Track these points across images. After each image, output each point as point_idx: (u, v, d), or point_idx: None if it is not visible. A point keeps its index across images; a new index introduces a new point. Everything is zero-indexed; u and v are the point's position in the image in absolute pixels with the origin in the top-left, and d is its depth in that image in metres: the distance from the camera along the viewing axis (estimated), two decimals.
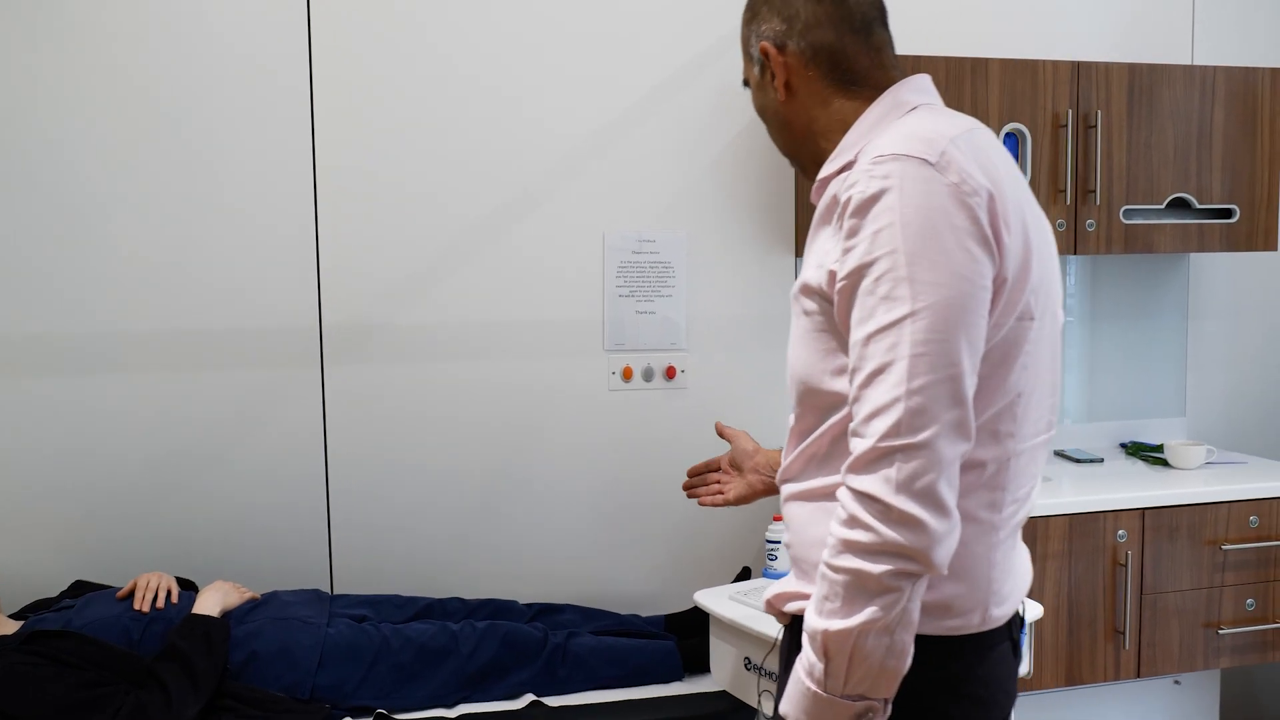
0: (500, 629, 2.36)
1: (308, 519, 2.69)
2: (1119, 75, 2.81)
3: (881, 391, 1.09)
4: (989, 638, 1.24)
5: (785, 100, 1.33)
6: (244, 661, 2.21)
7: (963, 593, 1.20)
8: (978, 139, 1.19)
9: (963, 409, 1.09)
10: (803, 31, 1.29)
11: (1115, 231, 2.84)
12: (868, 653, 1.09)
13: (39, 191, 2.49)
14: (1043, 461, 1.30)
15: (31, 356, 2.51)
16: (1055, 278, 1.28)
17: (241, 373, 2.62)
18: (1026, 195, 1.24)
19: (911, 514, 1.06)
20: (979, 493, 1.20)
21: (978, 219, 1.12)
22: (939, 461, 1.07)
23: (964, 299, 1.10)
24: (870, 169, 1.15)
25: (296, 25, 2.59)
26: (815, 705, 1.12)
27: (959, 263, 1.10)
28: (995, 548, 1.23)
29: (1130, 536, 2.65)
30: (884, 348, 1.09)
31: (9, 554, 2.53)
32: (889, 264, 1.10)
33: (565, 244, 2.77)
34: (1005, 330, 1.17)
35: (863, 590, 1.08)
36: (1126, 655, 2.67)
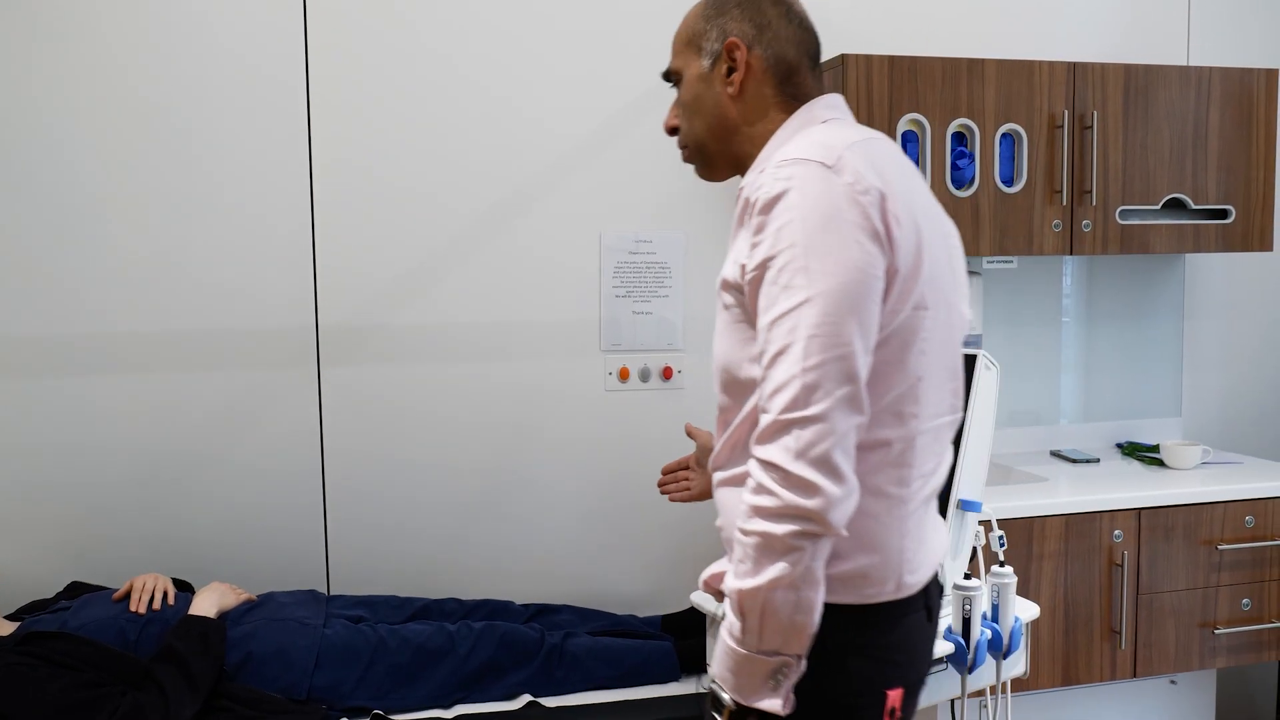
0: (497, 629, 2.36)
1: (304, 520, 2.68)
2: (1115, 76, 2.81)
3: (782, 370, 1.19)
4: (904, 605, 1.33)
5: (732, 97, 1.42)
6: (240, 663, 2.20)
7: (877, 563, 1.30)
8: (874, 147, 1.31)
9: (854, 384, 1.19)
10: (771, 41, 1.40)
11: (1111, 232, 2.84)
12: (777, 608, 1.18)
13: (36, 191, 2.48)
14: (947, 440, 1.41)
15: (27, 357, 2.51)
16: (955, 274, 1.39)
17: (238, 373, 2.62)
18: (924, 198, 1.35)
19: (809, 479, 1.16)
20: (887, 470, 1.29)
21: (869, 215, 1.23)
22: (833, 431, 1.17)
23: (855, 286, 1.20)
24: (775, 172, 1.26)
25: (293, 26, 2.59)
26: (736, 662, 1.22)
27: (851, 254, 1.21)
28: (905, 519, 1.32)
29: (1126, 536, 2.65)
30: (784, 331, 1.20)
31: (5, 554, 2.53)
32: (789, 256, 1.21)
33: (562, 244, 2.77)
34: (902, 318, 1.27)
35: (770, 550, 1.18)
36: (1123, 655, 2.68)
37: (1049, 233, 2.80)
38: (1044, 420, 3.23)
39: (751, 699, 1.23)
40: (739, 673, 1.23)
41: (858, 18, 2.96)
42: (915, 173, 1.38)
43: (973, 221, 2.74)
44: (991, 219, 2.76)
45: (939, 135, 2.70)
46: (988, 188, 2.75)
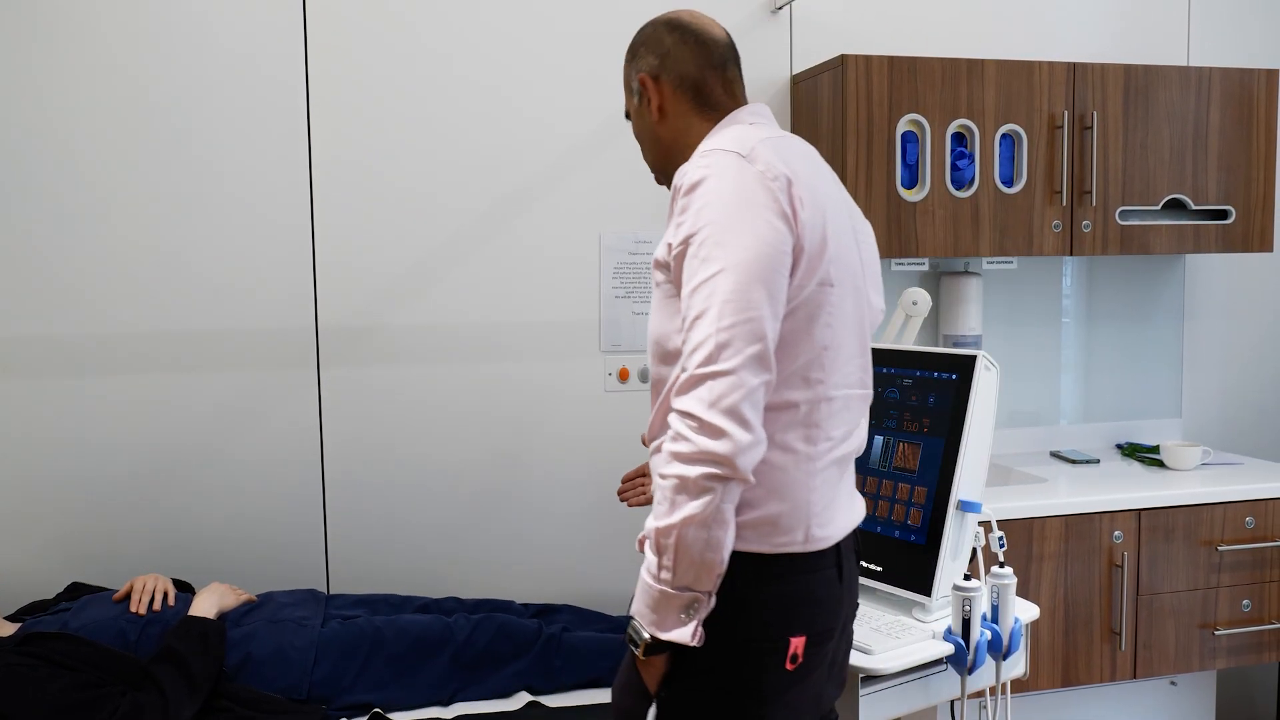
0: (495, 620, 2.36)
1: (304, 520, 2.68)
2: (1115, 76, 2.81)
3: (699, 331, 1.34)
4: (813, 559, 1.46)
5: (659, 121, 1.62)
6: (239, 663, 2.20)
7: (786, 510, 1.44)
8: (785, 143, 1.49)
9: (762, 344, 1.34)
10: (672, 65, 1.59)
11: (1111, 232, 2.84)
12: (689, 544, 1.32)
13: (36, 191, 2.48)
14: (859, 412, 1.56)
15: (27, 357, 2.51)
16: (865, 265, 1.57)
17: (238, 373, 2.62)
18: (833, 191, 1.53)
19: (719, 426, 1.30)
20: (796, 428, 1.45)
21: (778, 198, 1.39)
22: (742, 385, 1.31)
23: (764, 259, 1.36)
24: (697, 161, 1.44)
25: (293, 27, 2.59)
26: (653, 598, 1.36)
27: (760, 231, 1.37)
28: (813, 475, 1.46)
29: (1126, 537, 2.65)
30: (702, 297, 1.35)
31: (5, 555, 2.53)
32: (708, 232, 1.37)
33: (562, 245, 2.77)
34: (808, 292, 1.43)
35: (684, 491, 1.31)
36: (1123, 656, 2.68)
37: (1049, 233, 2.80)
38: (1044, 421, 3.22)
39: (666, 631, 1.36)
40: (655, 608, 1.36)
41: (857, 18, 2.96)
42: (827, 172, 1.57)
43: (972, 222, 2.74)
44: (991, 219, 2.76)
45: (939, 136, 2.70)
46: (987, 188, 2.75)
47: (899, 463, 2.07)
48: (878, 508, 2.08)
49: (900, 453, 2.08)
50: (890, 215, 2.69)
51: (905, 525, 2.03)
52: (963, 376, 2.01)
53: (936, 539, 1.97)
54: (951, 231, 2.73)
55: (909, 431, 2.07)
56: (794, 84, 2.92)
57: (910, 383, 2.10)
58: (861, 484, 2.12)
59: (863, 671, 1.82)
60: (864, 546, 2.08)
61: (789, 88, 2.93)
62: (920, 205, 2.71)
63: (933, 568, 1.96)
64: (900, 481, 2.06)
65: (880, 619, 1.97)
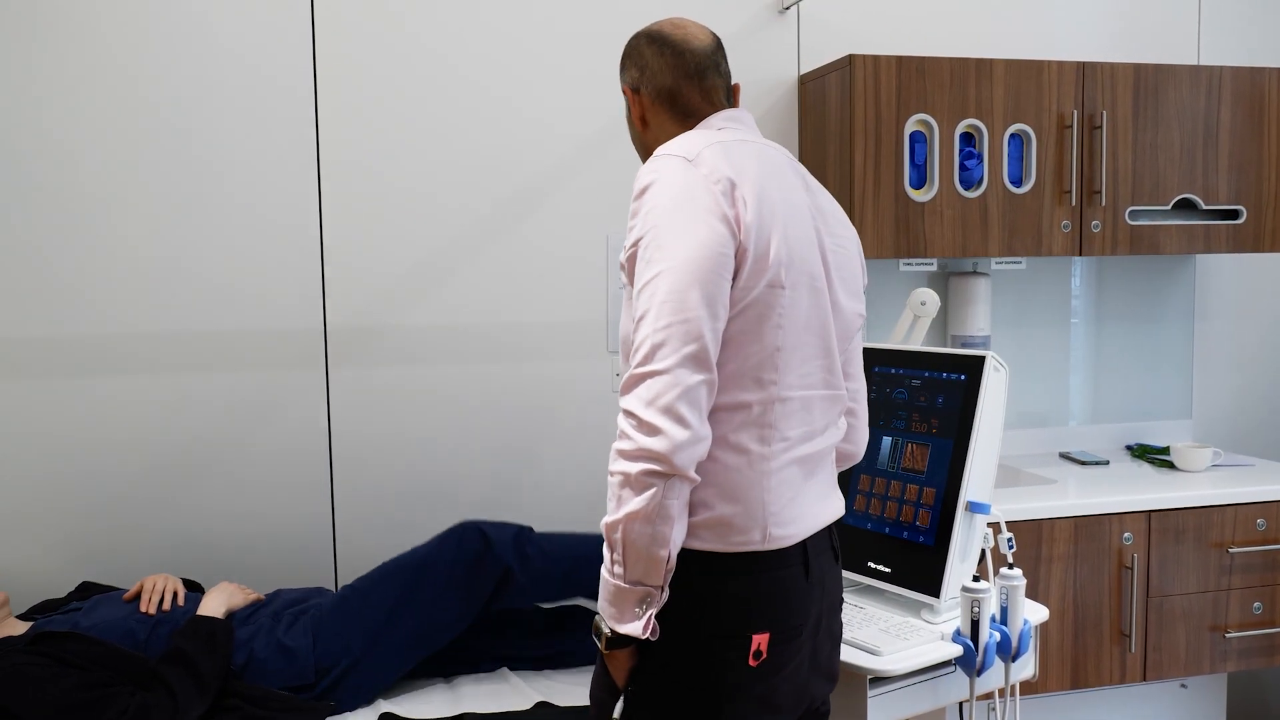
0: (464, 527, 2.36)
1: (313, 519, 2.69)
2: (1124, 75, 2.80)
3: (640, 333, 1.38)
4: (775, 558, 1.47)
5: (643, 130, 1.66)
6: (246, 661, 2.21)
7: (739, 511, 1.45)
8: (738, 147, 1.51)
9: (698, 344, 1.37)
10: (650, 77, 1.63)
11: (1121, 233, 2.83)
12: (635, 539, 1.36)
13: (44, 193, 2.49)
14: (824, 413, 1.56)
15: (38, 358, 2.52)
16: (836, 269, 1.56)
17: (246, 374, 2.62)
18: (791, 195, 1.53)
19: (655, 424, 1.34)
20: (749, 428, 1.46)
21: (719, 201, 1.42)
22: (677, 384, 1.35)
23: (701, 260, 1.38)
24: (647, 166, 1.49)
25: (301, 31, 2.59)
26: (611, 592, 1.41)
27: (699, 233, 1.39)
28: (767, 475, 1.47)
29: (1136, 539, 2.64)
30: (644, 299, 1.39)
31: (17, 555, 2.53)
32: (651, 236, 1.41)
33: (568, 245, 2.77)
34: (756, 293, 1.44)
35: (628, 487, 1.36)
36: (1133, 659, 2.67)
37: (1058, 233, 2.79)
38: (1053, 422, 3.21)
39: (622, 626, 1.41)
40: (614, 602, 1.41)
41: (865, 18, 2.95)
42: (789, 176, 1.57)
43: (981, 222, 2.74)
44: (1000, 220, 2.75)
45: (947, 136, 2.69)
46: (996, 188, 2.74)
47: (907, 463, 2.07)
48: (886, 508, 2.08)
49: (908, 453, 2.07)
50: (898, 215, 2.68)
51: (914, 526, 2.02)
52: (971, 377, 2.00)
53: (945, 540, 1.96)
54: (960, 232, 2.73)
55: (917, 432, 2.06)
56: (801, 84, 2.91)
57: (919, 383, 2.09)
58: (870, 485, 2.12)
59: (871, 673, 1.81)
60: (872, 547, 2.08)
61: (796, 88, 2.92)
62: (928, 205, 2.70)
63: (941, 569, 1.95)
64: (909, 482, 2.05)
65: (888, 620, 1.96)
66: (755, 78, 2.89)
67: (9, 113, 2.47)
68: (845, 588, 2.11)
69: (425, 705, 2.26)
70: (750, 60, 2.87)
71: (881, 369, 2.17)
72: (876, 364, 2.19)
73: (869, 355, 2.21)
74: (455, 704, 2.26)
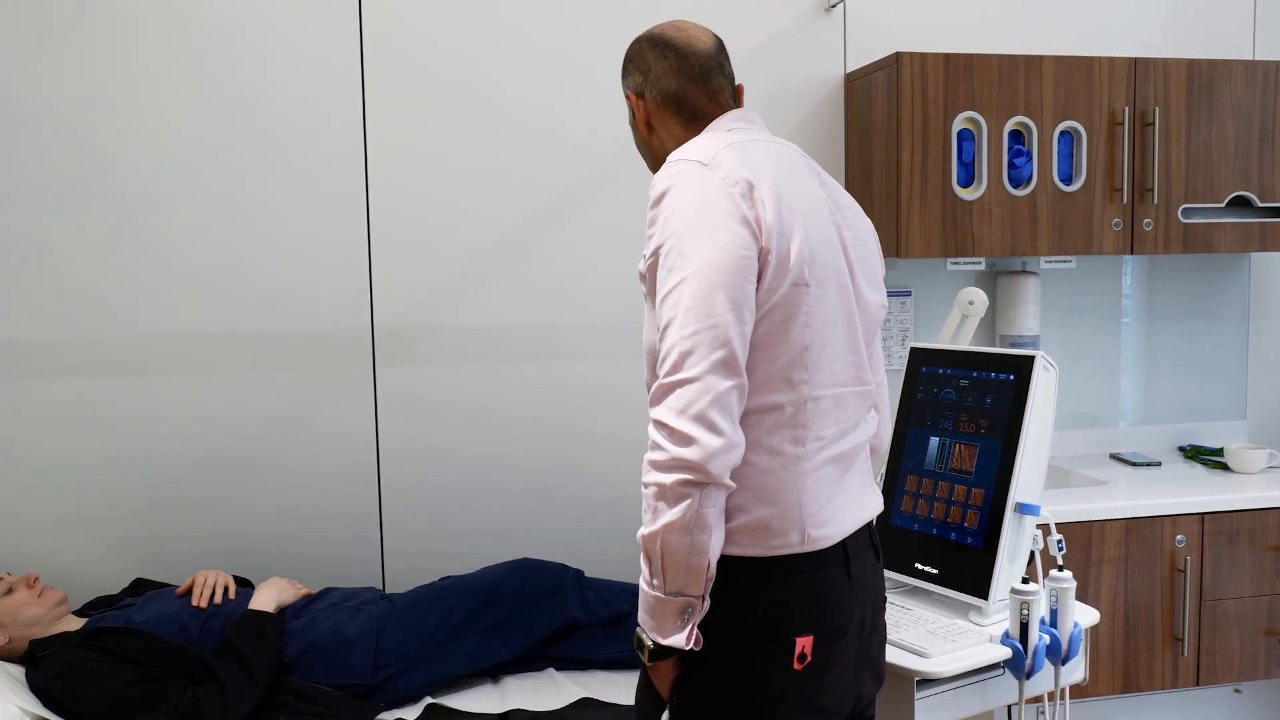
0: (525, 564, 2.47)
1: (360, 517, 2.72)
2: (1178, 71, 2.75)
3: (667, 341, 1.37)
4: (814, 559, 1.45)
5: (649, 135, 1.65)
6: (300, 652, 2.24)
7: (776, 514, 1.43)
8: (753, 147, 1.49)
9: (727, 349, 1.35)
10: (654, 81, 1.62)
11: (1174, 231, 2.78)
12: (673, 550, 1.34)
13: (103, 199, 2.54)
14: (856, 409, 1.54)
15: (95, 359, 2.57)
16: (856, 262, 1.55)
17: (297, 374, 2.66)
18: (809, 192, 1.51)
19: (688, 433, 1.32)
20: (782, 430, 1.44)
21: (738, 204, 1.40)
22: (708, 391, 1.33)
23: (725, 264, 1.36)
24: (662, 172, 1.46)
25: (349, 41, 2.62)
26: (651, 605, 1.39)
27: (720, 238, 1.37)
28: (803, 476, 1.45)
29: (1189, 541, 2.60)
30: (669, 307, 1.38)
31: (73, 553, 2.59)
32: (671, 243, 1.39)
33: (607, 248, 2.78)
34: (781, 294, 1.42)
35: (664, 499, 1.34)
36: (1185, 663, 2.62)
37: (1109, 232, 2.75)
38: (1103, 422, 3.17)
39: (665, 637, 1.39)
40: (654, 614, 1.39)
41: (912, 15, 2.93)
42: (804, 172, 1.54)
43: (1030, 221, 2.71)
44: (1049, 218, 2.72)
45: (995, 133, 2.67)
46: (1045, 186, 2.71)
47: (955, 464, 2.05)
48: (934, 509, 2.06)
49: (956, 454, 2.05)
50: (946, 214, 2.66)
51: (961, 527, 2.01)
52: (1020, 377, 1.98)
53: (993, 541, 1.94)
54: (1009, 230, 2.70)
55: (965, 433, 2.05)
56: (848, 83, 2.90)
57: (966, 383, 2.08)
58: (917, 485, 2.10)
59: (918, 675, 1.80)
60: (919, 548, 2.07)
61: (843, 86, 2.91)
62: (977, 204, 2.68)
63: (990, 571, 1.94)
64: (956, 483, 2.04)
65: (936, 622, 1.95)
66: (801, 76, 2.88)
67: (70, 124, 2.52)
68: (892, 589, 2.11)
69: (472, 702, 2.28)
70: (796, 59, 2.87)
71: (929, 369, 2.16)
72: (924, 364, 2.17)
73: (916, 355, 2.19)
74: (502, 700, 2.28)
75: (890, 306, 3.00)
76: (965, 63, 2.64)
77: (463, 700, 2.29)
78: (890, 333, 2.99)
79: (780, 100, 2.84)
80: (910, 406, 2.17)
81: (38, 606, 2.27)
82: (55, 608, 2.29)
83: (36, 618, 2.26)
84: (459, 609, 2.36)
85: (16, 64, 2.49)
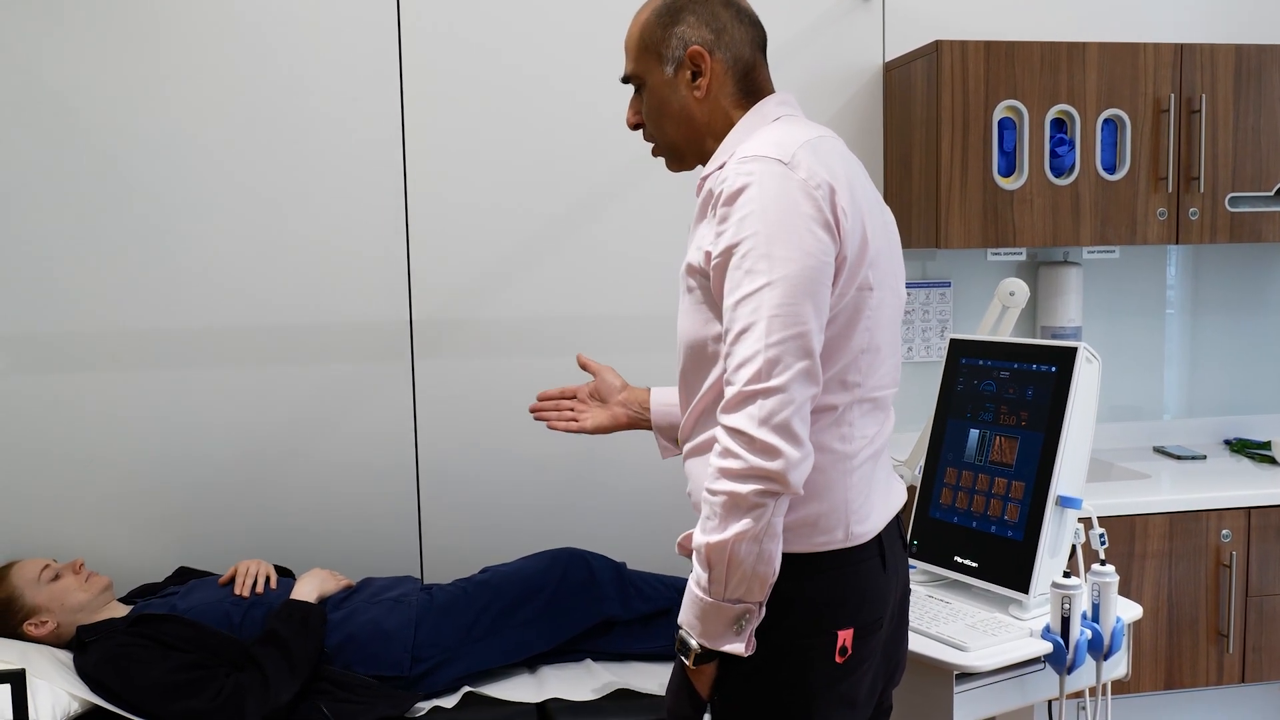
0: (570, 554, 2.48)
1: (399, 508, 2.74)
2: (1225, 57, 2.70)
3: (746, 346, 1.32)
4: (856, 553, 1.46)
5: (699, 100, 1.52)
6: (341, 643, 2.26)
7: (824, 511, 1.43)
8: (823, 144, 1.43)
9: (811, 359, 1.33)
10: (729, 44, 1.51)
11: (1220, 220, 2.74)
12: (741, 559, 1.31)
13: (149, 197, 2.58)
14: (888, 408, 1.54)
15: (136, 351, 2.61)
16: (895, 258, 1.52)
17: (337, 366, 2.68)
18: (866, 189, 1.47)
19: (771, 444, 1.29)
20: (832, 429, 1.44)
21: (821, 208, 1.35)
22: (792, 401, 1.30)
23: (810, 271, 1.33)
24: (737, 167, 1.38)
25: (386, 36, 2.64)
26: (703, 610, 1.36)
27: (806, 242, 1.33)
28: (850, 473, 1.45)
29: (1235, 536, 2.56)
30: (748, 311, 1.32)
31: (118, 541, 2.63)
32: (752, 244, 1.33)
33: (647, 240, 2.78)
34: (849, 298, 1.41)
35: (735, 508, 1.31)
36: (1230, 660, 2.58)
37: (1153, 221, 2.71)
38: (1146, 415, 3.13)
39: (717, 643, 1.37)
40: (705, 619, 1.36)
41: (952, 3, 2.90)
42: (858, 167, 1.50)
43: (1072, 210, 2.67)
44: (1092, 208, 2.68)
45: (1037, 122, 2.63)
46: (1088, 175, 2.67)
47: (995, 457, 2.03)
48: (973, 502, 2.04)
49: (997, 446, 2.03)
50: (986, 204, 2.63)
51: (1002, 520, 1.99)
52: (1062, 369, 1.95)
53: (1034, 535, 1.92)
54: (1050, 220, 2.66)
55: (1006, 425, 2.02)
56: (886, 72, 2.87)
57: (1007, 375, 2.05)
58: (956, 478, 2.08)
59: (957, 669, 1.79)
60: (958, 541, 2.05)
61: (881, 76, 2.88)
62: (1018, 194, 2.64)
63: (1030, 564, 1.92)
64: (997, 476, 2.02)
65: (975, 615, 1.93)
66: (839, 65, 2.85)
67: (115, 123, 2.55)
68: (930, 582, 2.10)
69: (509, 691, 2.30)
70: (834, 47, 2.84)
71: (969, 360, 2.14)
72: (964, 355, 2.15)
73: (956, 347, 2.17)
74: (539, 689, 2.29)
75: (929, 298, 2.98)
76: (1006, 50, 2.61)
77: (500, 689, 2.30)
78: (930, 324, 2.97)
79: (818, 90, 2.82)
80: (949, 398, 2.15)
81: (84, 592, 2.31)
82: (101, 594, 2.33)
83: (83, 604, 2.30)
84: (497, 603, 2.37)
85: (59, 63, 2.53)
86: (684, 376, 1.52)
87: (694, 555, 1.37)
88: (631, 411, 2.02)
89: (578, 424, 2.04)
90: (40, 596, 2.29)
